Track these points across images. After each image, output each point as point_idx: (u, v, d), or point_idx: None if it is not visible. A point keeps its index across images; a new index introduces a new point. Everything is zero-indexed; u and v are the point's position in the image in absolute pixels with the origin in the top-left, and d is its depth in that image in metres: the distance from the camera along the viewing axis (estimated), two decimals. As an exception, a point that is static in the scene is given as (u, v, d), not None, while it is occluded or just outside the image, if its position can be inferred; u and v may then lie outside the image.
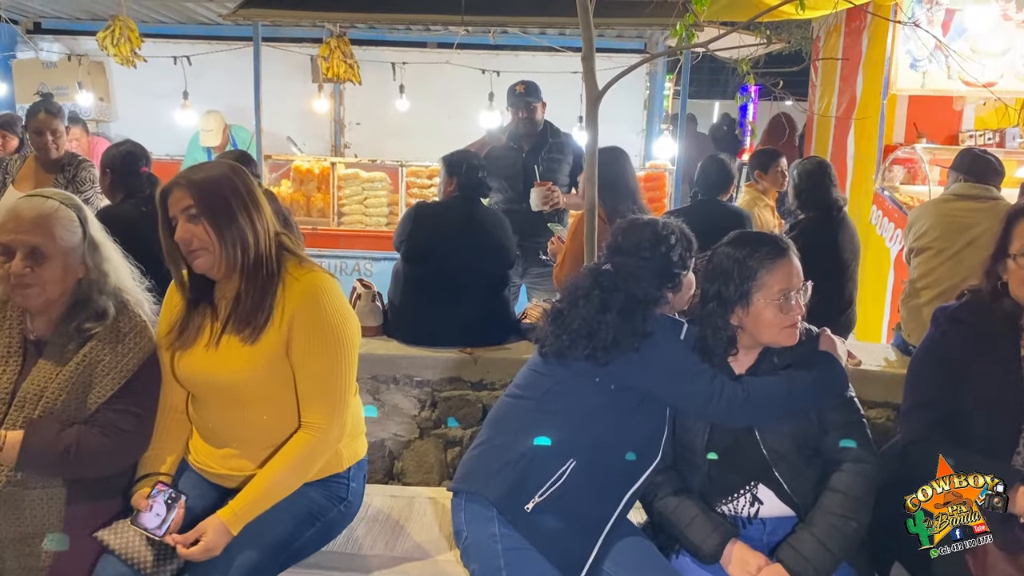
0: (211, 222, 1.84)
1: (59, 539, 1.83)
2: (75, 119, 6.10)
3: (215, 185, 1.86)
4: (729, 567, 1.84)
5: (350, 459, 2.07)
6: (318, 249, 5.52)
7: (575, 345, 1.90)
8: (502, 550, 1.82)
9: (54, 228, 1.88)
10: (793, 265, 1.89)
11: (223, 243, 1.84)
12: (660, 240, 1.97)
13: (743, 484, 1.92)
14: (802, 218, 3.69)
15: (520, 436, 1.92)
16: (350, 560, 2.06)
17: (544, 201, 3.78)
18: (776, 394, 1.87)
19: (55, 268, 1.87)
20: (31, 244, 1.84)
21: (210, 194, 1.85)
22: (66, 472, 1.86)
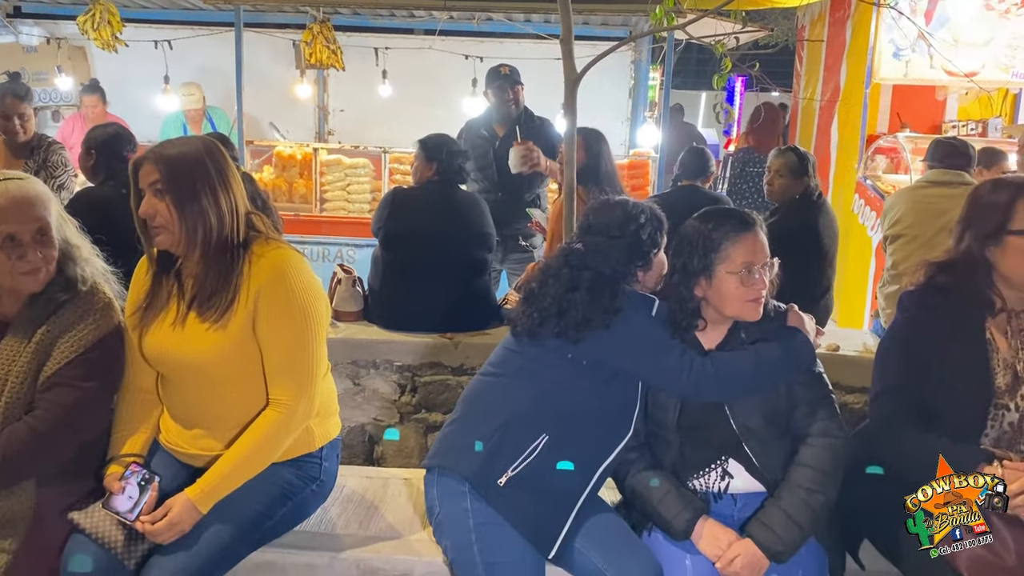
0: (174, 200, 1.83)
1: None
2: (95, 87, 6.04)
3: (184, 163, 1.85)
4: (700, 543, 1.86)
5: (322, 438, 2.07)
6: (300, 235, 5.50)
7: (546, 323, 1.92)
8: (474, 524, 1.84)
9: (48, 206, 1.88)
10: (758, 240, 1.91)
11: (183, 222, 1.83)
12: (630, 219, 1.99)
13: (714, 459, 1.94)
14: (782, 205, 3.71)
15: (492, 412, 1.94)
16: (323, 539, 2.06)
17: (524, 161, 3.76)
18: (744, 368, 1.89)
19: (54, 247, 1.88)
20: (35, 227, 1.84)
21: (177, 171, 1.84)
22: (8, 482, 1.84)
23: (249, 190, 3.74)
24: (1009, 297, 1.92)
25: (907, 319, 2.02)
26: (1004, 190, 1.93)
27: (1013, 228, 1.87)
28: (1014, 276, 1.89)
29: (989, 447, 1.88)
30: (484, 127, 4.44)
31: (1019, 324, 1.93)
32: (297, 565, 2.01)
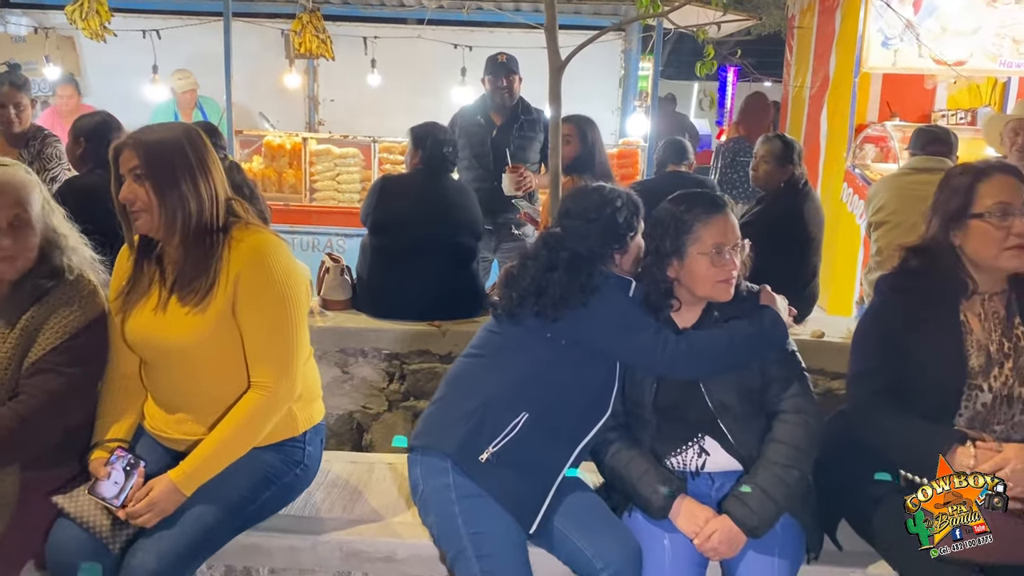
0: (153, 185, 1.84)
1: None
2: (69, 79, 6.02)
3: (164, 148, 1.86)
4: (678, 520, 1.88)
5: (305, 423, 2.08)
6: (290, 225, 5.51)
7: (524, 303, 1.96)
8: (457, 498, 1.87)
9: (30, 194, 1.89)
10: (728, 222, 1.95)
11: (163, 207, 1.85)
12: (606, 203, 2.03)
13: (690, 437, 1.97)
14: (768, 192, 3.73)
15: (475, 391, 1.97)
16: (307, 523, 2.08)
17: (517, 186, 3.78)
18: (717, 346, 1.93)
19: (33, 235, 1.88)
20: (11, 214, 1.85)
21: (157, 157, 1.85)
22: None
23: (237, 179, 3.80)
24: (980, 280, 1.95)
25: (882, 302, 2.04)
26: (967, 174, 1.95)
27: (974, 211, 1.89)
28: (978, 259, 1.92)
29: (963, 428, 1.91)
30: (480, 114, 4.40)
31: (992, 307, 1.96)
32: (281, 548, 2.03)
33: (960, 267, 1.96)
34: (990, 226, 1.87)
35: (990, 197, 1.88)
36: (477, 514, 1.86)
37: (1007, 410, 1.91)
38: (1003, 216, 1.86)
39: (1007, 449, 1.81)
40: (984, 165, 1.96)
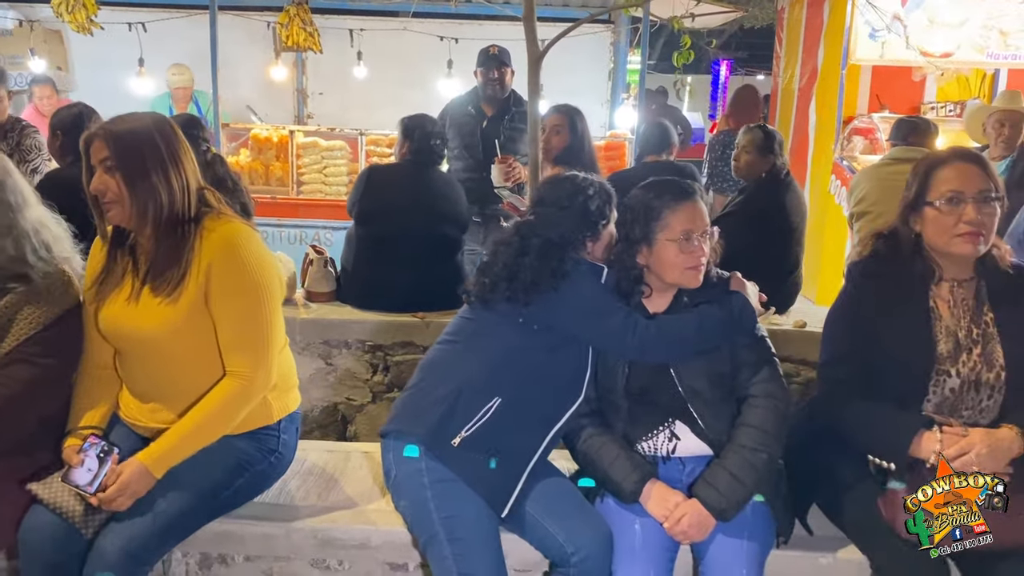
0: (124, 176, 1.84)
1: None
2: (45, 78, 6.01)
3: (134, 139, 1.86)
4: (648, 504, 1.90)
5: (280, 412, 2.09)
6: (277, 219, 5.50)
7: (496, 288, 1.97)
8: (429, 482, 1.88)
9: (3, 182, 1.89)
10: (697, 209, 1.96)
11: (134, 198, 1.85)
12: (578, 191, 2.04)
13: (661, 421, 1.99)
14: (750, 183, 3.74)
15: (447, 376, 1.98)
16: (281, 510, 2.09)
17: (506, 177, 3.79)
18: (686, 330, 1.95)
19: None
20: None
21: (127, 148, 1.85)
22: None
23: (220, 172, 3.80)
24: (946, 266, 1.96)
25: (852, 289, 2.06)
26: (924, 162, 1.97)
27: (928, 199, 1.91)
28: (935, 245, 1.94)
29: (932, 413, 1.93)
30: (471, 105, 4.40)
31: (962, 293, 1.97)
32: (254, 535, 2.04)
33: (922, 254, 1.97)
34: (941, 213, 1.89)
35: (944, 184, 1.90)
36: (449, 498, 1.87)
37: (975, 395, 1.92)
38: (954, 203, 1.87)
39: (972, 434, 1.83)
40: (944, 154, 1.99)
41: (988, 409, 1.93)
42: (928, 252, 1.98)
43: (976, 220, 1.87)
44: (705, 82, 15.19)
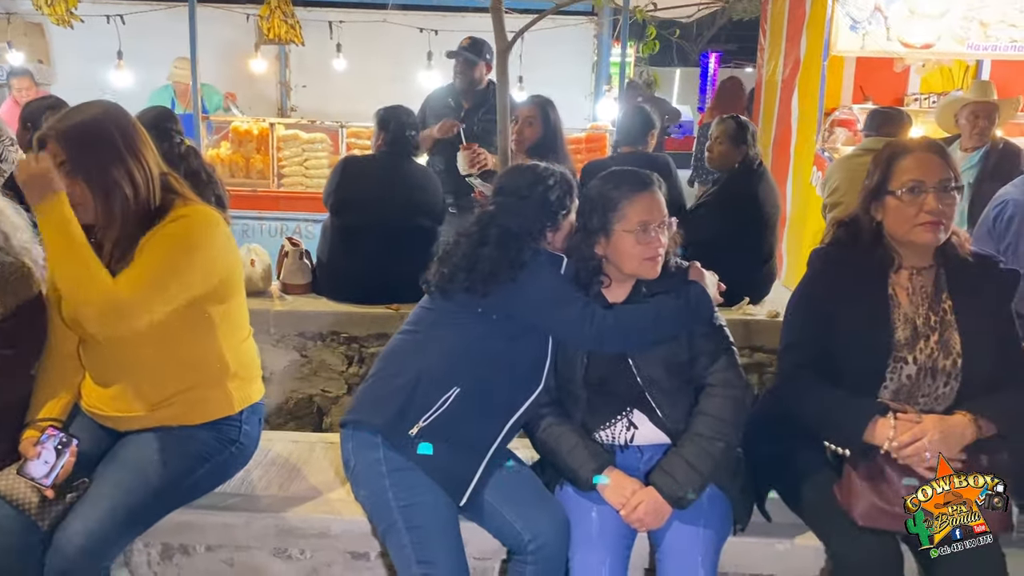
0: (85, 179, 1.82)
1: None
2: (23, 71, 5.97)
3: (88, 137, 1.83)
4: (605, 492, 1.91)
5: (242, 402, 2.09)
6: (258, 211, 5.49)
7: (455, 278, 1.97)
8: (387, 471, 1.89)
9: None
10: (654, 200, 1.96)
11: (98, 199, 1.84)
12: (539, 181, 2.04)
13: (619, 410, 2.00)
14: (723, 173, 3.75)
15: (406, 366, 1.98)
16: (242, 500, 2.09)
17: (471, 163, 3.79)
18: (644, 320, 1.95)
19: None
20: None
21: (81, 147, 1.82)
22: None
23: (194, 164, 3.79)
24: (905, 254, 1.97)
25: (812, 275, 2.07)
26: (886, 151, 1.98)
27: (889, 188, 1.92)
28: (896, 234, 1.94)
29: (888, 399, 1.94)
30: (451, 96, 4.41)
31: (921, 281, 1.98)
32: (215, 525, 2.04)
33: (882, 242, 1.98)
34: (902, 203, 1.90)
35: (905, 174, 1.91)
36: (407, 487, 1.88)
37: (931, 382, 1.94)
38: (915, 193, 1.88)
39: (926, 420, 1.84)
40: (906, 143, 1.99)
41: (944, 396, 1.95)
42: (888, 240, 1.99)
43: (937, 210, 1.88)
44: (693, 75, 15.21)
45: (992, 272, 1.98)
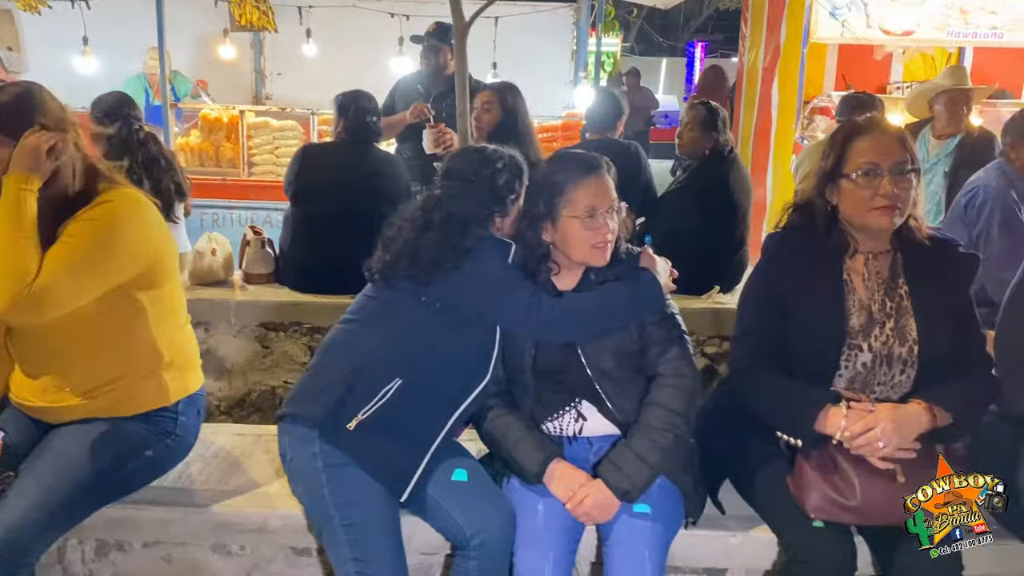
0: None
1: None
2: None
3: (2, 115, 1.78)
4: (552, 485, 1.85)
5: (178, 393, 2.02)
6: (228, 200, 5.41)
7: (397, 265, 1.90)
8: (323, 467, 1.81)
9: None
10: (603, 184, 1.88)
11: None
12: (486, 164, 1.97)
13: (568, 401, 1.93)
14: (693, 161, 3.69)
15: (345, 357, 1.91)
16: (178, 495, 2.02)
17: (436, 143, 3.71)
18: (592, 308, 1.88)
19: None
20: None
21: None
22: None
23: (153, 150, 3.70)
24: (861, 239, 1.91)
25: (766, 261, 2.00)
26: (840, 131, 1.92)
27: (844, 171, 1.85)
28: (850, 218, 1.88)
29: (843, 388, 1.88)
30: (420, 82, 4.35)
31: (876, 266, 1.92)
32: (150, 521, 1.98)
33: (837, 226, 1.92)
34: (857, 186, 1.83)
35: (861, 156, 1.84)
36: (344, 484, 1.81)
37: (887, 370, 1.88)
38: (870, 176, 1.82)
39: (879, 409, 1.79)
40: (861, 123, 1.92)
41: (901, 384, 1.89)
42: (843, 224, 1.93)
43: (892, 193, 1.82)
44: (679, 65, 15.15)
45: (950, 256, 1.92)
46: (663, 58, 15.59)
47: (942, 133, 4.18)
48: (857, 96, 3.68)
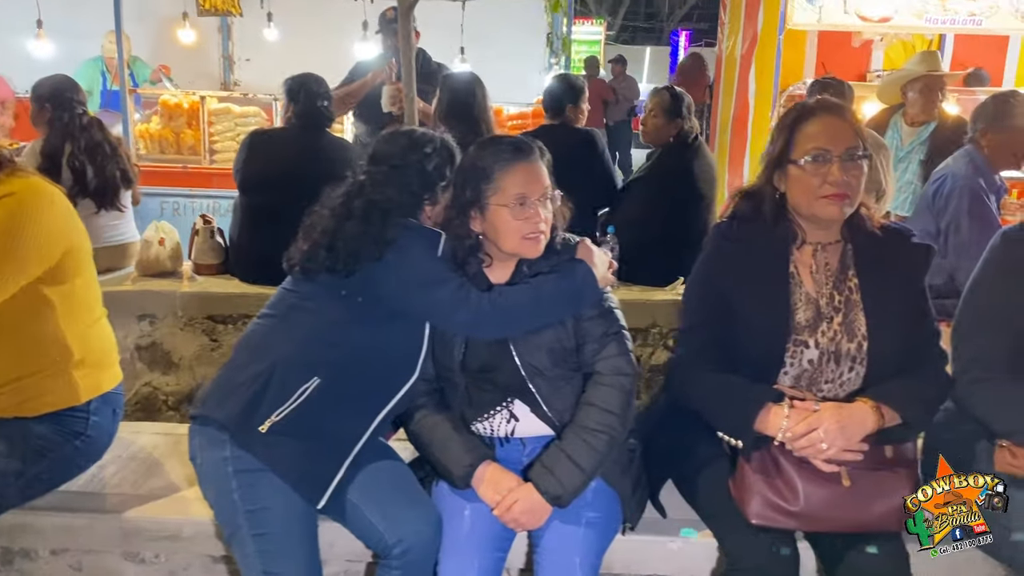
0: None
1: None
2: None
3: None
4: (480, 489, 1.74)
5: (90, 391, 1.91)
6: (189, 188, 5.26)
7: (315, 256, 1.78)
8: (233, 472, 1.70)
9: None
10: (535, 170, 1.76)
11: None
12: (414, 148, 1.86)
13: (500, 400, 1.82)
14: (657, 148, 3.58)
15: (260, 355, 1.78)
16: (87, 499, 1.90)
17: (393, 101, 3.58)
18: (522, 303, 1.76)
19: None
20: None
21: None
22: None
23: (97, 136, 3.55)
24: (810, 229, 1.81)
25: (712, 252, 1.90)
26: (790, 114, 1.80)
27: (791, 157, 1.75)
28: (798, 207, 1.78)
29: (789, 386, 1.78)
30: (378, 67, 4.18)
31: (826, 258, 1.82)
32: (55, 527, 1.87)
33: (785, 215, 1.81)
34: (805, 173, 1.72)
35: (809, 141, 1.73)
36: (255, 490, 1.69)
37: (835, 368, 1.78)
38: (819, 162, 1.71)
39: (823, 408, 1.69)
40: (808, 105, 1.81)
41: (850, 382, 1.79)
42: (792, 214, 1.82)
43: (841, 181, 1.71)
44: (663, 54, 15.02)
45: (903, 247, 1.82)
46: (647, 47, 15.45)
47: (915, 120, 4.09)
48: (824, 81, 3.59)
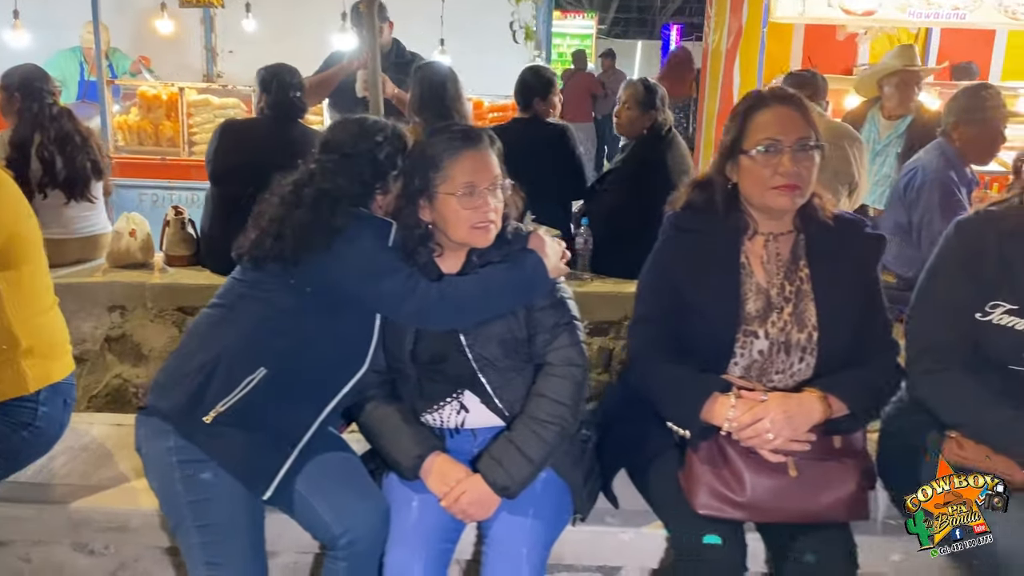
0: None
1: None
2: None
3: None
4: (428, 480, 1.73)
5: (39, 381, 1.88)
6: (168, 180, 5.23)
7: (262, 244, 1.77)
8: (177, 462, 1.69)
9: None
10: (484, 159, 1.75)
11: None
12: (365, 136, 1.84)
13: (450, 392, 1.81)
14: (630, 140, 3.56)
15: (207, 345, 1.77)
16: (35, 490, 1.89)
17: (367, 86, 3.56)
18: (471, 294, 1.75)
19: None
20: None
21: None
22: None
23: (67, 127, 3.52)
24: (761, 219, 1.80)
25: (664, 242, 1.89)
26: (742, 103, 1.79)
27: (743, 147, 1.74)
28: (750, 197, 1.77)
29: (739, 376, 1.77)
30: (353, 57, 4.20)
31: (777, 248, 1.81)
32: (2, 518, 1.85)
33: (737, 206, 1.81)
34: (756, 164, 1.72)
35: (760, 131, 1.72)
36: (198, 481, 1.68)
37: (785, 358, 1.77)
38: (770, 153, 1.70)
39: (770, 398, 1.68)
40: (761, 95, 1.80)
41: (800, 372, 1.78)
42: (744, 204, 1.81)
43: (792, 171, 1.71)
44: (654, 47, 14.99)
45: (855, 237, 1.81)
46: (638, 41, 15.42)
47: (892, 114, 4.09)
48: (799, 75, 3.58)
